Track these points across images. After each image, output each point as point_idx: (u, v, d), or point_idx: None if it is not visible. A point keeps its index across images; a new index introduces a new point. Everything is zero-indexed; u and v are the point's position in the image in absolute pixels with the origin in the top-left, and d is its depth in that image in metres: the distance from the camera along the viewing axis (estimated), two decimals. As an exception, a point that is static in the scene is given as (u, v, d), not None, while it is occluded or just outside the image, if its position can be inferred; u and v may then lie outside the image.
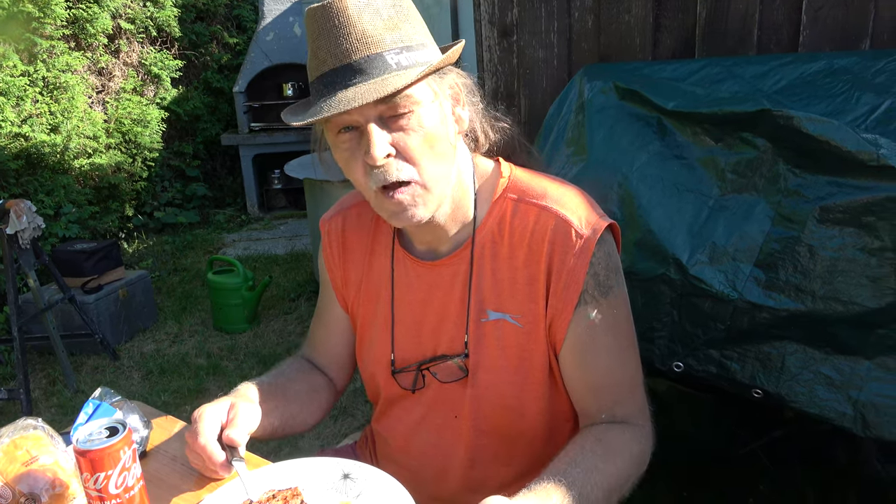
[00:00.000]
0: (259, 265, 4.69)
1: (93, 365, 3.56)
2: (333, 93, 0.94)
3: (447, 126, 1.02)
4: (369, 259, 1.22)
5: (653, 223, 1.55)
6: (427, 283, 1.15)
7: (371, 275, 1.21)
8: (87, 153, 4.93)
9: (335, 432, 2.83)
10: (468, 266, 1.11)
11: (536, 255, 1.06)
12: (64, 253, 3.69)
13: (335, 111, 0.91)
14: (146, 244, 5.28)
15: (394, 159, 0.98)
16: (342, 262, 1.24)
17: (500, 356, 1.10)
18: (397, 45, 0.94)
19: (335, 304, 1.28)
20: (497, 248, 1.10)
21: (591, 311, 1.06)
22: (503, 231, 1.10)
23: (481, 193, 1.12)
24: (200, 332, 3.88)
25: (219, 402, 1.05)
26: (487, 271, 1.10)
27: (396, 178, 0.99)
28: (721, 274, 1.47)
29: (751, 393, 1.48)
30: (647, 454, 1.07)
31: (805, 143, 1.40)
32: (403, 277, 1.17)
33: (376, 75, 0.93)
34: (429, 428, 1.19)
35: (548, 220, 1.06)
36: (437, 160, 1.01)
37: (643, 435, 1.08)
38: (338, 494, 0.99)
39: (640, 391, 1.12)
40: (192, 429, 1.01)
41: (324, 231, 1.27)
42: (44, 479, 0.95)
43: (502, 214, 1.10)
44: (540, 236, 1.06)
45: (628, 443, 1.04)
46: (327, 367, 1.32)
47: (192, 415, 1.02)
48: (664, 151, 1.63)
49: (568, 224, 1.05)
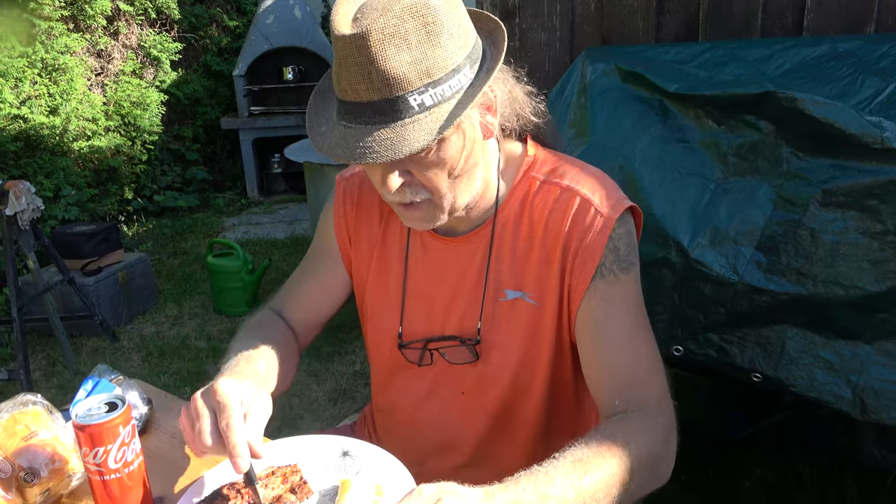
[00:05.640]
0: (259, 249, 4.68)
1: (92, 347, 3.57)
2: (352, 124, 0.92)
3: (472, 144, 0.99)
4: (384, 226, 1.19)
5: (654, 206, 1.54)
6: (443, 258, 1.14)
7: (385, 242, 1.19)
8: (86, 135, 4.91)
9: (334, 414, 2.84)
10: (487, 244, 1.10)
11: (554, 234, 1.05)
12: (63, 235, 3.68)
13: (348, 159, 0.90)
14: (146, 227, 5.27)
15: (408, 186, 0.98)
16: (355, 223, 1.22)
17: (512, 336, 1.10)
18: (423, 81, 0.88)
19: (336, 263, 1.24)
20: (518, 227, 1.09)
21: (608, 285, 1.03)
22: (525, 210, 1.08)
23: (506, 173, 1.11)
24: (200, 314, 3.89)
25: (240, 386, 0.91)
26: (507, 250, 1.09)
27: (412, 200, 0.99)
28: (722, 257, 1.47)
29: (750, 377, 1.48)
30: (661, 448, 0.94)
31: (809, 125, 1.39)
32: (419, 250, 1.16)
33: (396, 119, 0.89)
34: (434, 403, 1.19)
35: (570, 200, 1.05)
36: (457, 180, 1.00)
37: (659, 426, 0.95)
38: (337, 472, 0.99)
39: (658, 378, 1.03)
40: (222, 415, 0.87)
41: (339, 188, 1.24)
42: (43, 453, 0.95)
43: (525, 193, 1.09)
44: (560, 215, 1.05)
45: (636, 434, 0.91)
46: (300, 325, 1.25)
47: (216, 390, 0.89)
48: (666, 134, 1.62)
49: (589, 203, 1.04)
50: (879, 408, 1.35)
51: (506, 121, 1.06)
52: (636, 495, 0.89)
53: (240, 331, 1.18)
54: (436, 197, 0.99)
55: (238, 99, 5.78)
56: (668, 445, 0.96)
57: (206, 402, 0.90)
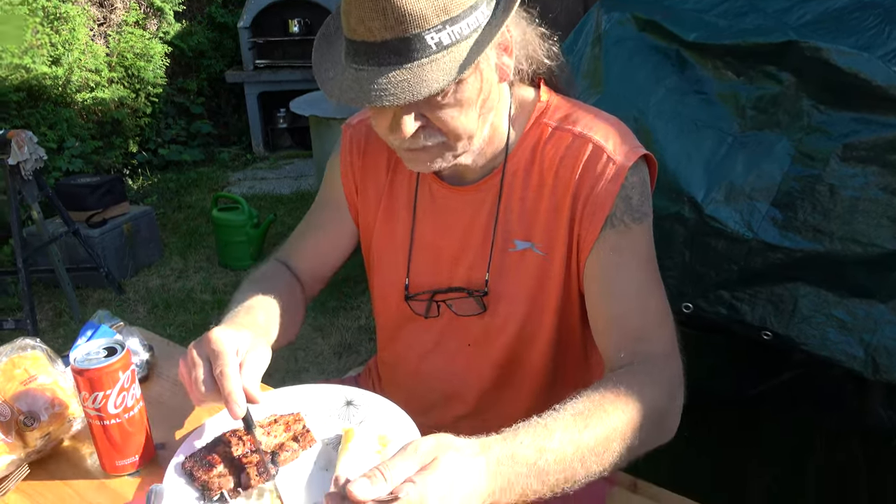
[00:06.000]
0: (264, 204, 4.65)
1: (98, 298, 3.58)
2: (364, 65, 0.87)
3: (489, 86, 0.95)
4: (392, 175, 1.16)
5: (668, 160, 1.50)
6: (452, 207, 1.11)
7: (392, 192, 1.16)
8: (89, 87, 4.84)
9: (339, 368, 2.85)
10: (496, 194, 1.07)
11: (565, 182, 1.02)
12: (68, 186, 3.66)
13: (361, 103, 0.86)
14: (151, 181, 5.24)
15: (423, 130, 0.94)
16: (361, 172, 1.19)
17: (520, 288, 1.07)
18: (440, 18, 0.84)
19: (343, 212, 1.22)
20: (529, 176, 1.05)
21: (619, 235, 1.00)
22: (536, 157, 1.05)
23: (517, 119, 1.07)
24: (205, 268, 3.88)
25: (236, 335, 0.91)
26: (517, 199, 1.06)
27: (423, 145, 0.96)
28: (737, 213, 1.43)
29: (760, 335, 1.46)
30: (667, 402, 0.91)
31: (832, 77, 1.34)
32: (427, 199, 1.13)
33: (413, 59, 0.85)
34: (440, 355, 1.17)
35: (582, 147, 1.01)
36: (472, 121, 0.95)
37: (665, 380, 0.92)
38: (340, 421, 0.98)
39: (666, 331, 0.99)
40: (216, 363, 0.86)
41: (345, 136, 1.21)
42: (43, 398, 0.94)
43: (537, 141, 1.05)
44: (571, 162, 1.01)
45: (641, 387, 0.88)
46: (306, 276, 1.23)
47: (210, 338, 0.88)
48: (683, 86, 1.56)
49: (601, 150, 1.00)
50: (892, 367, 1.32)
51: (518, 63, 1.01)
52: (639, 450, 0.87)
53: (243, 282, 1.16)
54: (451, 140, 0.96)
55: (243, 52, 5.68)
56: (675, 400, 0.93)
57: (200, 351, 0.89)
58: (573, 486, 0.80)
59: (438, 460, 0.71)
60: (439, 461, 0.71)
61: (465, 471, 0.72)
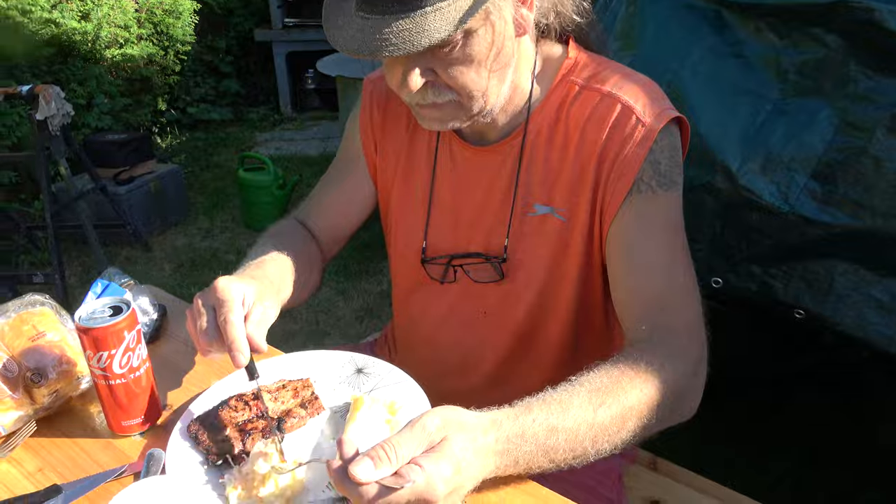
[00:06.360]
0: (290, 165, 4.63)
1: (125, 255, 3.61)
2: (370, 14, 0.82)
3: (502, 39, 0.89)
4: (411, 134, 1.12)
5: (702, 126, 1.43)
6: (472, 168, 1.06)
7: (412, 150, 1.12)
8: (118, 43, 4.83)
9: (360, 332, 2.84)
10: (517, 155, 1.02)
11: (590, 144, 0.96)
12: (96, 143, 3.67)
13: (362, 53, 0.81)
14: (179, 140, 5.24)
15: (431, 86, 0.90)
16: (381, 129, 1.15)
17: (539, 255, 1.03)
18: None
19: (362, 171, 1.19)
20: (553, 136, 1.00)
21: (645, 201, 0.94)
22: (561, 117, 0.99)
23: (542, 76, 1.01)
24: (231, 228, 3.89)
25: (243, 285, 0.89)
26: (539, 161, 1.01)
27: (433, 101, 0.91)
28: (773, 185, 1.37)
29: (792, 313, 1.40)
30: (688, 380, 0.86)
31: (884, 40, 1.25)
32: (446, 159, 1.08)
33: (416, 7, 0.80)
34: (455, 322, 1.14)
35: (610, 107, 0.96)
36: (482, 78, 0.90)
37: (687, 357, 0.87)
38: (350, 388, 0.96)
39: (691, 305, 0.93)
40: (221, 311, 0.85)
41: (366, 91, 1.17)
42: (51, 354, 0.93)
43: (563, 99, 0.99)
44: (597, 123, 0.96)
45: (662, 363, 0.83)
46: (324, 234, 1.21)
47: (216, 287, 0.87)
48: (721, 48, 1.48)
49: (630, 111, 0.94)
50: (931, 351, 1.26)
51: (542, 17, 0.95)
52: (656, 428, 0.83)
53: (259, 238, 1.14)
54: (462, 98, 0.91)
55: (272, 10, 5.61)
56: (696, 378, 0.89)
57: (205, 300, 0.87)
58: (581, 462, 0.77)
59: (447, 441, 0.67)
60: (447, 442, 0.67)
61: (473, 451, 0.69)
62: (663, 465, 1.34)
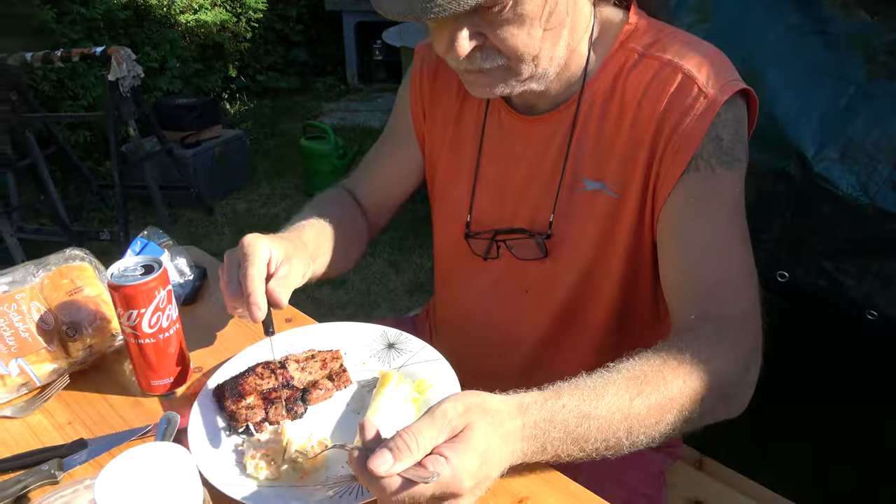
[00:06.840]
0: (353, 136, 4.65)
1: (189, 218, 3.70)
2: None
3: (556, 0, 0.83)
4: (461, 103, 1.08)
5: (778, 109, 1.32)
6: (521, 139, 1.01)
7: (460, 120, 1.08)
8: (192, 8, 4.92)
9: (409, 305, 2.83)
10: (569, 125, 0.96)
11: (647, 115, 0.89)
12: (165, 107, 3.76)
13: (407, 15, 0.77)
14: (247, 106, 5.33)
15: (480, 50, 0.84)
16: (430, 98, 1.11)
17: (586, 232, 0.97)
18: None
19: (410, 141, 1.16)
20: (608, 107, 0.93)
21: (703, 180, 0.87)
22: (617, 86, 0.92)
23: (599, 42, 0.94)
24: (291, 195, 3.93)
25: (269, 242, 0.86)
26: (592, 133, 0.95)
27: (480, 67, 0.86)
28: (852, 174, 1.25)
29: (864, 314, 1.29)
30: (738, 374, 0.80)
31: None
32: (495, 129, 1.04)
33: None
34: (496, 300, 1.10)
35: (670, 76, 0.88)
36: (534, 40, 0.84)
37: (739, 349, 0.81)
38: (379, 363, 0.93)
39: (747, 293, 0.87)
40: (243, 265, 0.83)
41: (417, 57, 1.14)
42: (87, 310, 0.94)
43: (620, 67, 0.93)
44: (656, 94, 0.89)
45: (710, 354, 0.78)
46: (371, 204, 1.19)
47: (243, 242, 0.85)
48: (803, 24, 1.37)
49: (692, 81, 0.87)
50: None
51: None
52: (700, 422, 0.77)
53: (305, 205, 1.12)
54: (513, 62, 0.85)
55: (343, -22, 5.61)
56: (747, 372, 0.82)
57: (232, 256, 0.86)
58: (615, 453, 0.72)
59: (470, 429, 0.63)
60: (471, 430, 0.63)
61: (498, 437, 0.65)
62: (709, 464, 1.27)
